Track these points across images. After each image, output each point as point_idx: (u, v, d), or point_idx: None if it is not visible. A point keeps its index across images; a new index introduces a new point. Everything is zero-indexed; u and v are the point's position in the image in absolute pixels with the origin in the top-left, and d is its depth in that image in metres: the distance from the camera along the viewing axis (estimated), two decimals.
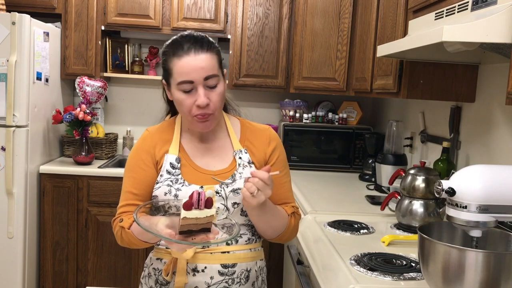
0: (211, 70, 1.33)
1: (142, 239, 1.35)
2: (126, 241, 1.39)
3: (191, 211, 1.17)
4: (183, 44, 1.34)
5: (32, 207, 3.00)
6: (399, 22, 2.12)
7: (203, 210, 1.18)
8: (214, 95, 1.35)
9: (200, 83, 1.32)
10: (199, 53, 1.32)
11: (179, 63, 1.32)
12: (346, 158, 3.35)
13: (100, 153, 3.37)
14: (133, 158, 1.46)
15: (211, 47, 1.36)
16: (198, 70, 1.31)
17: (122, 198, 1.44)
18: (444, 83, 2.08)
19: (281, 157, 1.51)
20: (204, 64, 1.32)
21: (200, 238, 1.21)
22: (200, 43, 1.34)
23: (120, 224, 1.39)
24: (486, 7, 1.35)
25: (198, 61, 1.32)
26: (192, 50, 1.32)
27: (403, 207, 1.96)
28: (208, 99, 1.33)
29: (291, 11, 3.31)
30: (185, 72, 1.32)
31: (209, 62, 1.33)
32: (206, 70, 1.32)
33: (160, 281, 1.44)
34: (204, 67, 1.32)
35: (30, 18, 2.85)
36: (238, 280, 1.41)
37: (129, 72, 3.60)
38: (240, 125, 1.53)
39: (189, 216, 1.17)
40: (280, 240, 1.47)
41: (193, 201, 1.17)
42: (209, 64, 1.33)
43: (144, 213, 1.36)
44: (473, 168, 1.21)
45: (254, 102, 3.73)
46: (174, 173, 1.41)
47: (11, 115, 2.82)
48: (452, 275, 1.16)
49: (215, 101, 1.35)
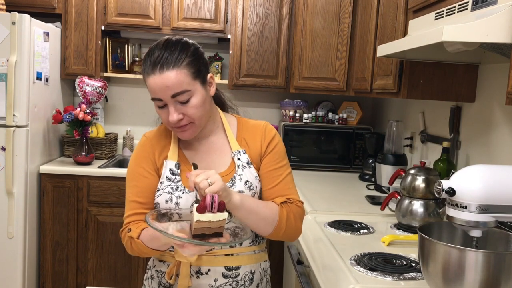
0: (178, 87, 1.28)
1: (152, 247, 1.33)
2: (137, 250, 1.37)
3: (204, 214, 1.16)
4: (152, 59, 1.30)
5: (32, 207, 3.00)
6: (399, 22, 2.12)
7: (216, 214, 1.17)
8: (188, 109, 1.32)
9: (169, 101, 1.30)
10: (164, 71, 1.27)
11: (148, 81, 1.32)
12: (346, 158, 3.35)
13: (100, 153, 3.37)
14: (134, 166, 1.44)
15: (181, 60, 1.29)
16: (163, 89, 1.28)
17: (127, 208, 1.42)
18: (444, 83, 2.08)
19: (276, 149, 1.45)
20: (169, 83, 1.27)
21: (213, 241, 1.19)
22: (166, 58, 1.28)
23: (129, 234, 1.36)
24: (486, 7, 1.35)
25: (164, 80, 1.27)
26: (157, 68, 1.28)
27: (403, 207, 1.96)
28: (181, 114, 1.32)
29: (291, 11, 3.31)
30: (153, 90, 1.31)
31: (176, 79, 1.27)
32: (171, 89, 1.28)
33: (163, 283, 1.43)
34: (169, 86, 1.28)
35: (30, 18, 2.85)
36: (242, 283, 1.40)
37: (129, 72, 3.59)
38: (236, 123, 1.51)
39: (203, 219, 1.16)
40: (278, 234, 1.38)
41: (207, 204, 1.16)
42: (175, 82, 1.27)
43: (152, 220, 1.34)
44: (473, 168, 1.21)
45: (254, 102, 3.73)
46: (174, 179, 1.39)
47: (11, 115, 2.82)
48: (452, 275, 1.16)
49: (190, 113, 1.32)
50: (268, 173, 1.43)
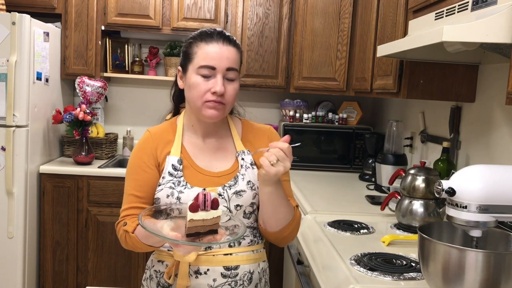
0: (234, 63, 1.37)
1: (147, 243, 1.34)
2: (131, 245, 1.38)
3: (197, 212, 1.16)
4: (213, 34, 1.38)
5: (32, 207, 3.00)
6: (399, 22, 2.12)
7: (210, 212, 1.17)
8: (230, 88, 1.37)
9: (221, 72, 1.35)
10: (227, 45, 1.37)
11: (206, 48, 1.36)
12: (346, 158, 3.35)
13: (100, 153, 3.37)
14: (134, 160, 1.45)
15: (237, 46, 1.41)
16: (223, 59, 1.35)
17: (125, 201, 1.43)
18: (444, 83, 2.08)
19: None
20: (229, 55, 1.36)
21: (207, 239, 1.20)
22: (229, 38, 1.40)
23: (124, 228, 1.37)
24: (486, 7, 1.35)
25: (225, 51, 1.36)
26: (221, 40, 1.37)
27: (403, 207, 1.96)
28: (224, 89, 1.35)
29: (291, 11, 3.31)
30: (210, 57, 1.35)
31: (234, 55, 1.38)
32: (230, 61, 1.36)
33: (162, 283, 1.43)
34: (229, 58, 1.36)
35: (30, 18, 2.85)
36: (241, 282, 1.40)
37: (129, 72, 3.59)
38: (242, 125, 1.53)
39: (196, 218, 1.16)
40: (282, 235, 1.41)
41: (199, 203, 1.16)
42: (233, 57, 1.37)
43: (148, 216, 1.35)
44: (473, 168, 1.21)
45: (254, 102, 3.73)
46: (176, 175, 1.40)
47: (11, 115, 2.82)
48: (452, 275, 1.16)
49: (230, 94, 1.37)
50: None
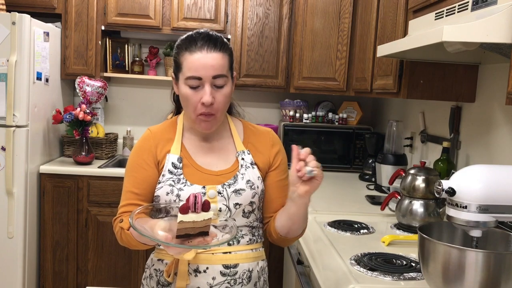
0: (220, 70, 1.34)
1: (141, 241, 1.34)
2: (125, 241, 1.39)
3: (187, 214, 1.16)
4: (197, 41, 1.35)
5: (32, 207, 3.00)
6: (399, 22, 2.12)
7: (200, 214, 1.16)
8: (220, 95, 1.35)
9: (208, 80, 1.33)
10: (211, 51, 1.33)
11: (190, 58, 1.34)
12: (346, 158, 3.35)
13: (100, 153, 3.37)
14: (134, 157, 1.46)
15: (224, 47, 1.36)
16: (207, 68, 1.32)
17: (123, 197, 1.44)
18: (444, 83, 2.08)
19: (284, 160, 1.52)
20: (214, 63, 1.33)
21: (197, 241, 1.19)
22: (214, 41, 1.35)
23: (120, 225, 1.38)
24: (486, 7, 1.35)
25: (209, 59, 1.32)
26: (205, 47, 1.33)
27: (403, 207, 1.96)
28: (213, 98, 1.34)
29: (291, 11, 3.31)
30: (195, 67, 1.33)
31: (220, 61, 1.34)
32: (215, 69, 1.33)
33: (162, 282, 1.43)
34: (214, 65, 1.32)
35: (30, 18, 2.85)
36: (240, 281, 1.41)
37: (129, 72, 3.59)
38: (242, 127, 1.53)
39: (186, 220, 1.16)
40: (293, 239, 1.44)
41: (190, 205, 1.16)
42: (219, 64, 1.33)
43: (145, 214, 1.35)
44: (473, 168, 1.21)
45: (254, 102, 3.73)
46: (176, 173, 1.40)
47: (11, 115, 2.82)
48: (452, 275, 1.16)
49: (220, 101, 1.36)
50: (278, 182, 1.48)
